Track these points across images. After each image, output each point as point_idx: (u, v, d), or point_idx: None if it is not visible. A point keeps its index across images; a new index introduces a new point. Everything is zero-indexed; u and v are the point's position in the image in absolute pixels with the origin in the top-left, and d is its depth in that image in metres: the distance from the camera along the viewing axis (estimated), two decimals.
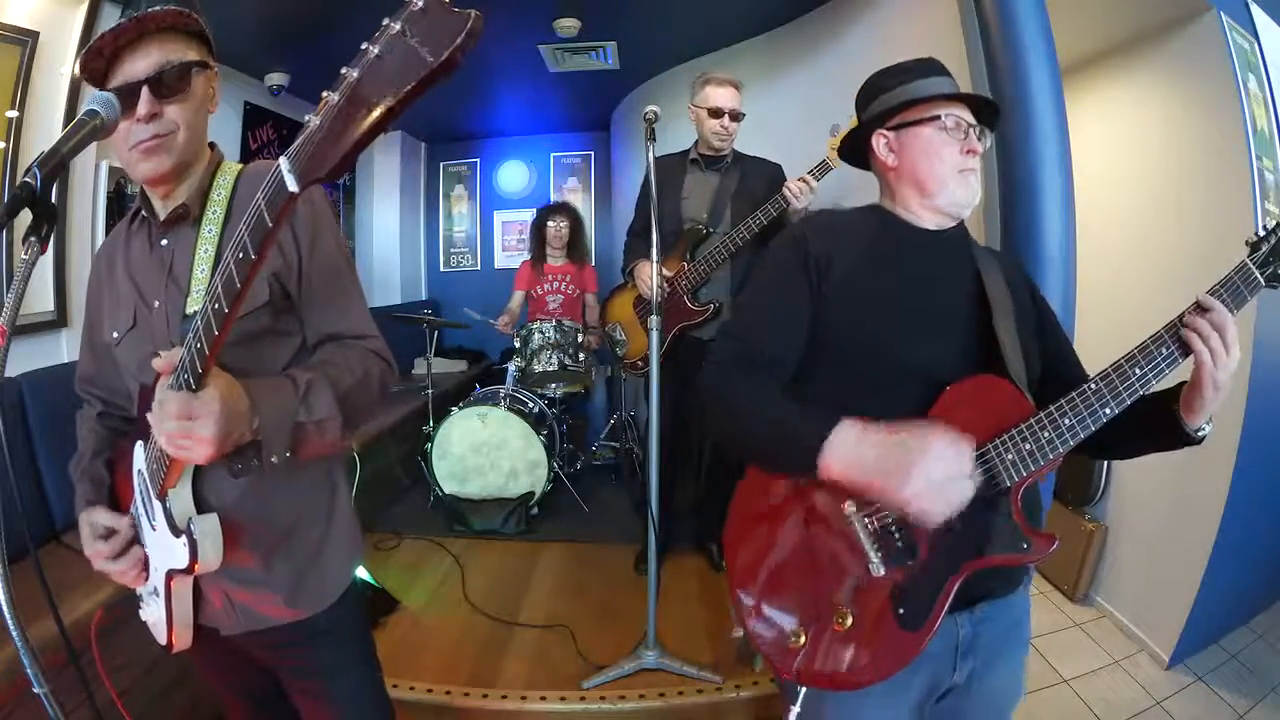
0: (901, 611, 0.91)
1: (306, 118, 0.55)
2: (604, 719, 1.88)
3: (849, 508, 0.95)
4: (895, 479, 0.84)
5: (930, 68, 1.09)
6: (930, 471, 0.83)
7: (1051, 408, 0.91)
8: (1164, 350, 0.90)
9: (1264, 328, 2.14)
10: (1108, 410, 0.89)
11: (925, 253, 1.08)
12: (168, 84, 0.90)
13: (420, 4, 0.51)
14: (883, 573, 0.92)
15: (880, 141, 1.10)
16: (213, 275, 0.91)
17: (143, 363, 0.97)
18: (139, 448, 0.96)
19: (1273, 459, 2.24)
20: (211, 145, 1.04)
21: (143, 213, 1.01)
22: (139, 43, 0.89)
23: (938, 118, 1.04)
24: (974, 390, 0.95)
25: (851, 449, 0.88)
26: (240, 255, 0.65)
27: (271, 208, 0.61)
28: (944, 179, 1.04)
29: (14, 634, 0.74)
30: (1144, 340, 0.91)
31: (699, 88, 2.37)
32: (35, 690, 0.77)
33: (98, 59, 0.88)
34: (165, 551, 0.92)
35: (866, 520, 0.94)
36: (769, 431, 0.98)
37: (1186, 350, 0.90)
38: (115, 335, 1.01)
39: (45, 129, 2.18)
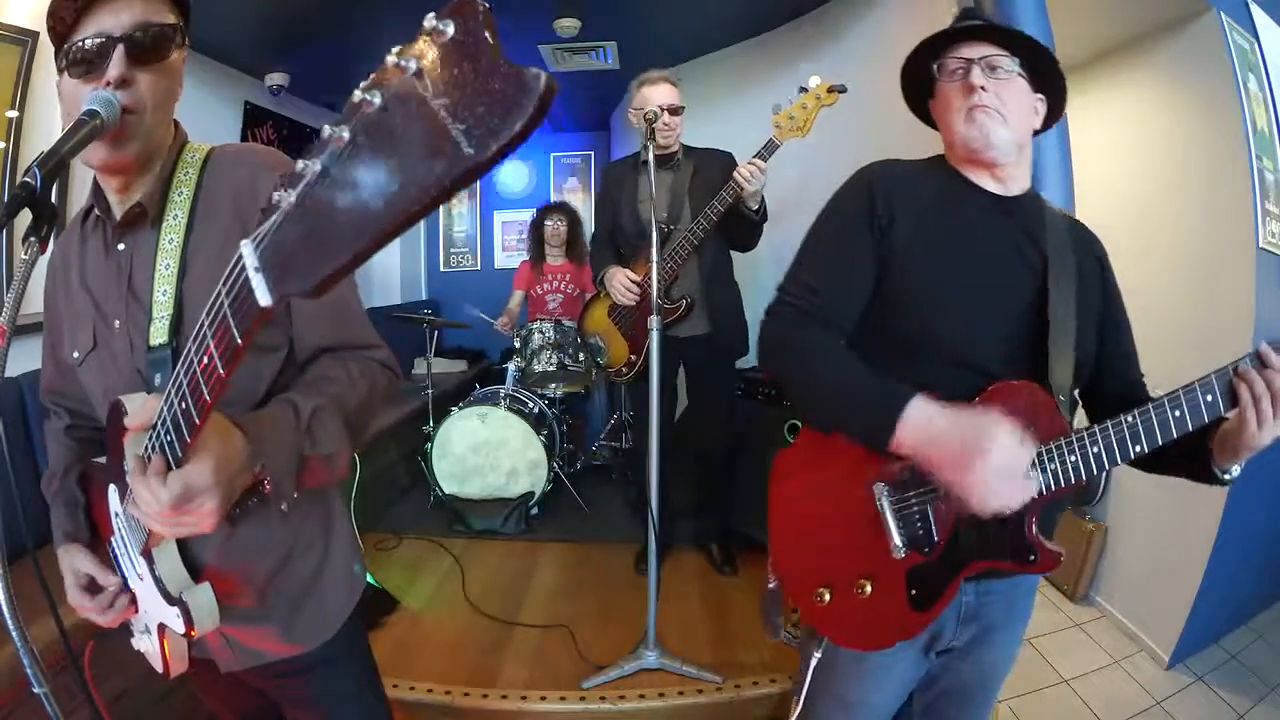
0: (914, 592, 0.97)
1: (275, 195, 0.39)
2: (604, 719, 1.89)
3: (879, 489, 0.98)
4: (963, 462, 0.85)
5: (960, 18, 1.05)
6: (995, 461, 0.84)
7: (1084, 433, 0.90)
8: (1209, 397, 0.86)
9: (1263, 325, 2.13)
10: (1139, 448, 0.88)
11: (988, 219, 1.02)
12: (146, 46, 0.77)
13: (450, 33, 0.32)
14: (903, 555, 0.96)
15: (934, 108, 1.09)
16: (178, 291, 0.81)
17: (109, 390, 0.86)
18: (113, 491, 0.87)
19: (1273, 459, 2.23)
20: (175, 124, 0.90)
21: (96, 210, 0.88)
22: None
23: (940, 67, 1.02)
24: (1012, 397, 0.94)
25: (926, 424, 0.88)
26: (205, 361, 0.51)
27: (240, 320, 0.46)
28: (954, 126, 1.00)
29: (14, 634, 0.74)
30: (1191, 382, 0.87)
31: (634, 91, 2.38)
32: (35, 690, 0.76)
33: (68, 5, 0.75)
34: (156, 606, 0.86)
35: (895, 504, 0.98)
36: (844, 395, 0.97)
37: (1234, 401, 0.85)
38: (76, 355, 0.90)
39: (45, 129, 2.18)
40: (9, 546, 0.72)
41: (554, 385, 3.39)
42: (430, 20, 0.33)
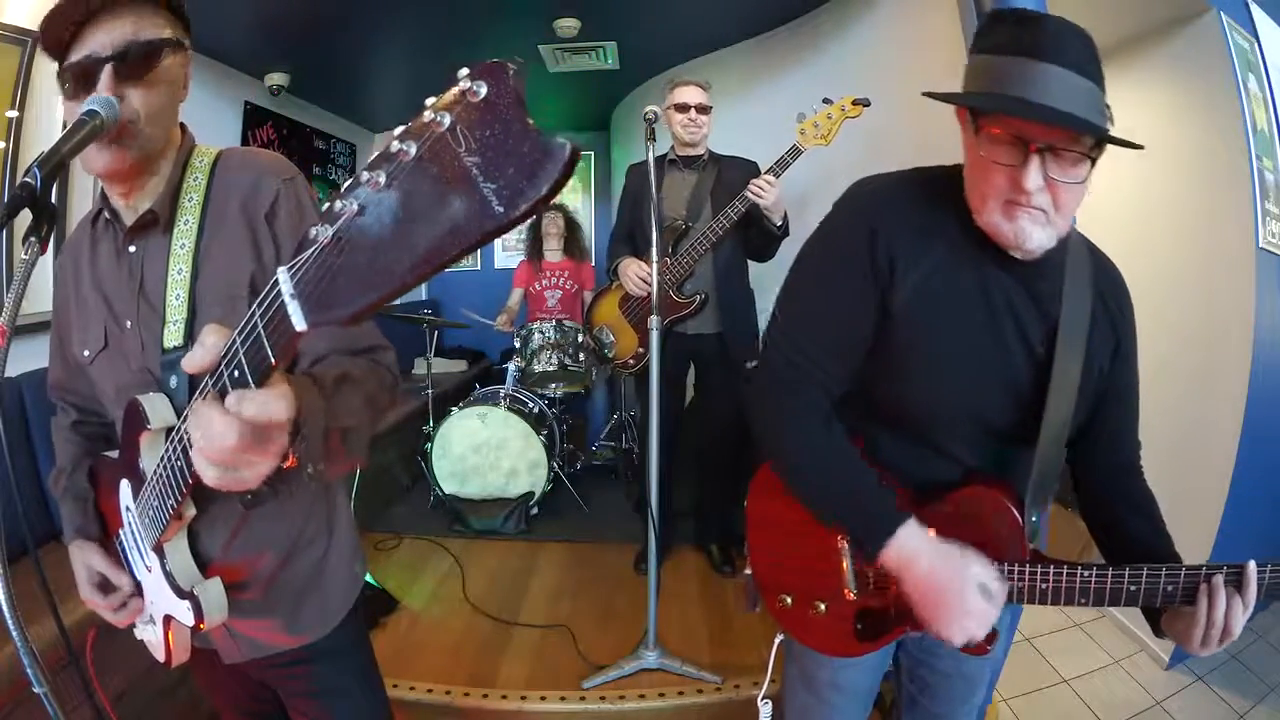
0: (860, 627, 1.01)
1: (313, 231, 0.40)
2: (604, 719, 1.89)
3: (842, 542, 1.01)
4: (939, 607, 0.85)
5: (1038, 44, 0.75)
6: (969, 612, 0.84)
7: (1039, 570, 0.88)
8: (1170, 588, 0.84)
9: (1263, 325, 2.13)
10: (1083, 601, 0.87)
11: (998, 291, 0.87)
12: (133, 64, 0.79)
13: (482, 93, 0.34)
14: (854, 598, 1.01)
15: (966, 120, 0.84)
16: (191, 295, 0.83)
17: (120, 390, 0.88)
18: (125, 486, 0.88)
19: (1273, 459, 2.24)
20: (182, 127, 0.93)
21: (105, 213, 0.90)
22: (107, 12, 0.78)
23: (993, 127, 0.78)
24: (986, 504, 0.92)
25: (910, 558, 0.87)
26: (236, 374, 0.52)
27: (274, 341, 0.47)
28: (985, 198, 0.81)
29: (14, 634, 0.74)
30: (1160, 568, 0.84)
31: (666, 92, 2.47)
32: (35, 690, 0.76)
33: (62, 26, 0.77)
34: (164, 598, 0.87)
35: (855, 556, 1.00)
36: (839, 498, 0.92)
37: (1191, 599, 0.83)
38: (86, 354, 0.92)
39: (45, 129, 2.18)
40: (9, 546, 0.72)
41: (554, 385, 3.39)
42: (465, 80, 0.34)
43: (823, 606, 1.03)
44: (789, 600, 1.07)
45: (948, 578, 0.85)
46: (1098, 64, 0.77)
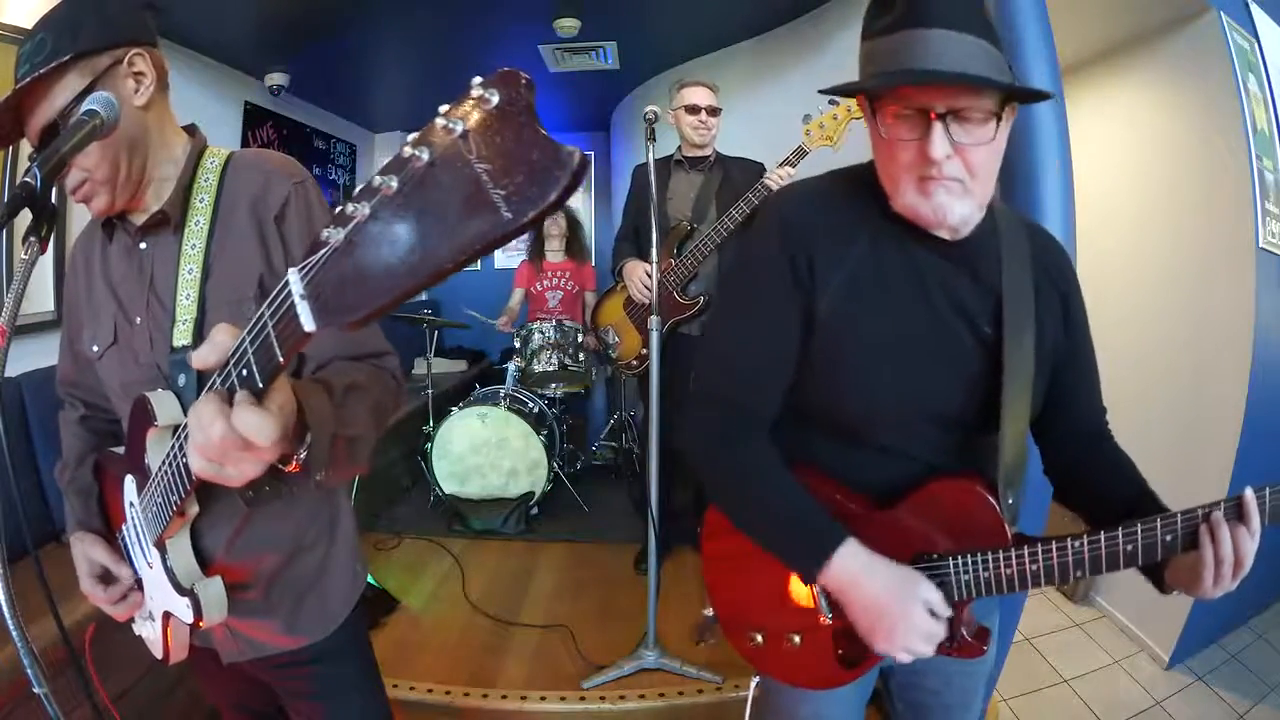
0: (840, 652, 0.95)
1: (325, 233, 0.40)
2: (604, 719, 1.89)
3: None
4: (880, 623, 0.83)
5: (918, 13, 0.73)
6: (913, 629, 0.82)
7: (1025, 552, 0.84)
8: (1168, 538, 0.78)
9: (1263, 325, 2.13)
10: (1079, 573, 0.82)
11: (931, 277, 0.85)
12: (58, 149, 0.76)
13: (494, 101, 0.34)
14: (830, 621, 0.94)
15: (865, 107, 0.82)
16: (201, 294, 0.84)
17: (127, 385, 0.89)
18: (129, 481, 0.88)
19: (1273, 458, 2.24)
20: (191, 129, 0.94)
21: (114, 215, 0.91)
22: (29, 97, 0.79)
23: (890, 106, 0.76)
24: (955, 495, 0.87)
25: (850, 578, 0.84)
26: (244, 373, 0.53)
27: (282, 341, 0.47)
28: (897, 180, 0.79)
29: (14, 634, 0.74)
30: (1154, 519, 0.79)
31: (675, 92, 2.49)
32: (35, 690, 0.76)
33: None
34: (164, 595, 0.88)
35: None
36: (770, 529, 0.91)
37: (1193, 544, 0.77)
38: (96, 349, 0.93)
39: None
40: (9, 546, 0.72)
41: (554, 385, 3.39)
42: (478, 88, 0.35)
43: (797, 639, 0.97)
44: (760, 638, 1.01)
45: (893, 595, 0.83)
46: (989, 23, 0.75)
